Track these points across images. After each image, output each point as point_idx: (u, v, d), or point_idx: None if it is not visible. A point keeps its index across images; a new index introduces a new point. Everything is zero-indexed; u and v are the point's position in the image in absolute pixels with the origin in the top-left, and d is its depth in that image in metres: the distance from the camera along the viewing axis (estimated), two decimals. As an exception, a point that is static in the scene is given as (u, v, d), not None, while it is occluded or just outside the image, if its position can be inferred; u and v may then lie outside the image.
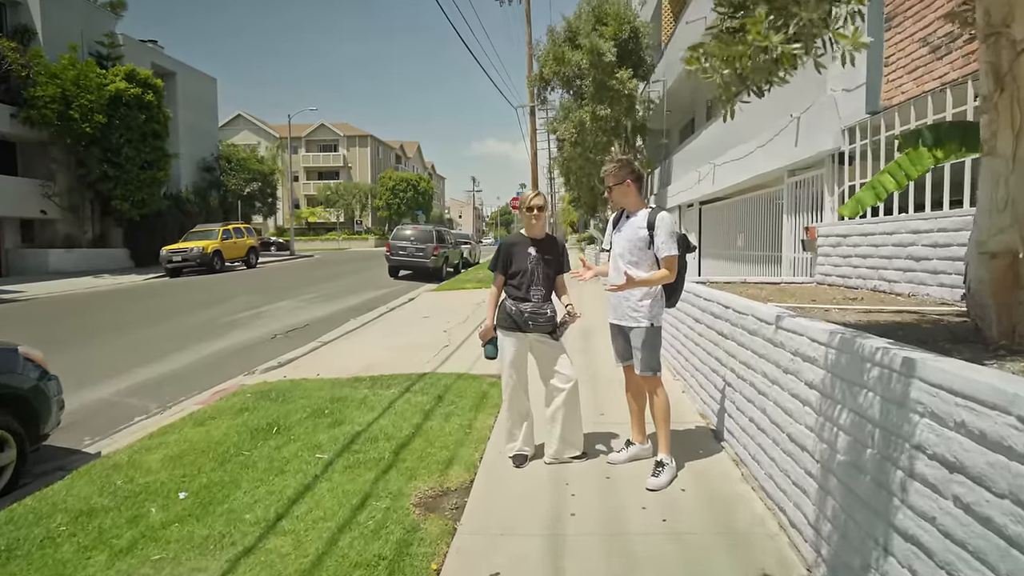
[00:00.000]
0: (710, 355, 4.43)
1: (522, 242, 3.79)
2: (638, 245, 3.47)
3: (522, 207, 3.79)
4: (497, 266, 3.81)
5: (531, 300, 3.69)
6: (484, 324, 3.83)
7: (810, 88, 6.96)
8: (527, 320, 3.65)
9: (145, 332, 10.03)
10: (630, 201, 3.59)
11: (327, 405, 5.21)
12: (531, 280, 3.71)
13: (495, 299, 3.82)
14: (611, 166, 3.58)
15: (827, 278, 6.28)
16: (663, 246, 3.41)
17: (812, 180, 7.23)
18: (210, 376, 7.05)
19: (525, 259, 3.73)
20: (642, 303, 3.51)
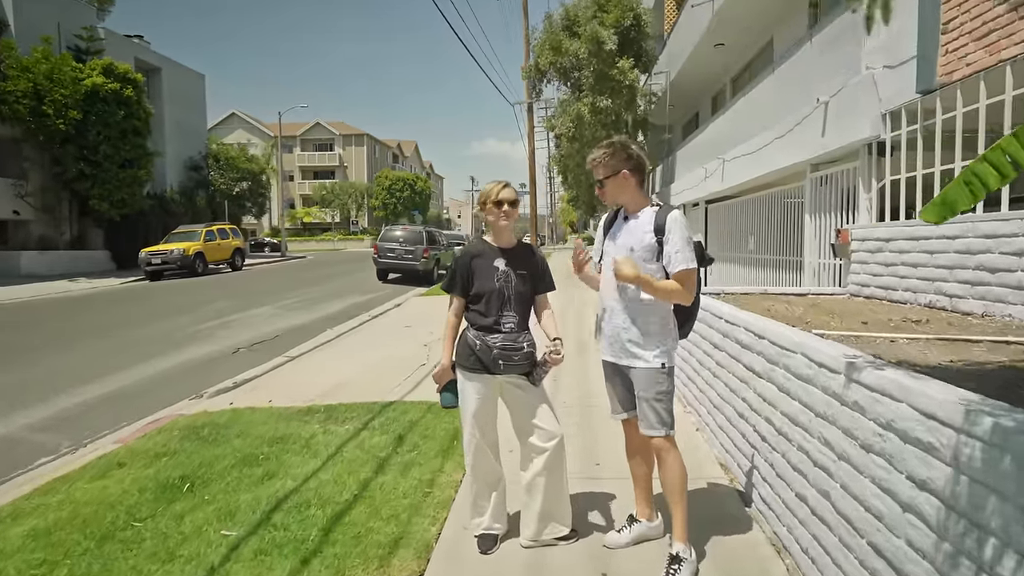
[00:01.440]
0: (735, 393, 3.49)
1: (487, 252, 2.84)
2: (642, 256, 2.56)
3: (485, 201, 2.84)
4: (454, 285, 2.85)
5: (501, 330, 2.75)
6: (440, 363, 2.89)
7: (841, 67, 6.03)
8: (496, 358, 2.71)
9: (97, 344, 9.10)
10: (628, 198, 2.67)
11: (264, 448, 4.28)
12: (501, 303, 2.77)
13: (454, 330, 2.87)
14: (600, 152, 2.63)
15: (863, 289, 5.35)
16: (677, 257, 2.49)
17: (842, 175, 6.29)
18: (151, 400, 6.13)
19: (491, 275, 2.78)
20: (648, 334, 2.59)
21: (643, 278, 2.48)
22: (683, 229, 2.52)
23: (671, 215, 2.53)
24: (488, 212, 2.83)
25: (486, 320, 2.77)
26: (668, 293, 2.52)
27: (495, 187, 2.81)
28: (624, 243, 2.63)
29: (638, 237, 2.58)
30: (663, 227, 2.52)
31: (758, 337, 3.08)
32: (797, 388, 2.54)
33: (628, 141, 2.67)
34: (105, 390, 6.63)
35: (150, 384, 6.88)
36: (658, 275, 2.55)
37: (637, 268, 2.48)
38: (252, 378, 6.85)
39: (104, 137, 20.60)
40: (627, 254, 2.59)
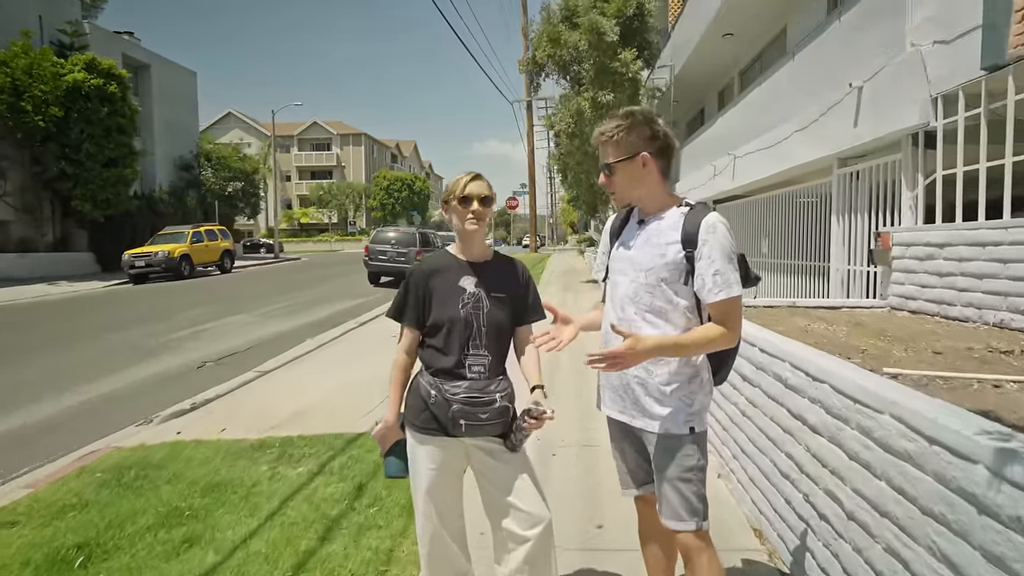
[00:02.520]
0: (775, 444, 2.72)
1: (450, 268, 2.09)
2: (662, 276, 1.81)
3: (449, 198, 2.07)
4: (404, 312, 2.10)
5: (466, 375, 1.99)
6: (383, 419, 2.12)
7: (877, 47, 5.26)
8: (456, 416, 1.93)
9: (54, 357, 8.34)
10: (646, 193, 1.88)
11: (195, 500, 3.52)
12: (467, 338, 2.01)
13: (403, 373, 2.10)
14: (613, 124, 1.86)
15: (908, 302, 4.59)
16: (716, 280, 1.74)
17: (877, 170, 5.53)
18: (95, 426, 5.41)
19: (455, 299, 2.03)
20: (671, 384, 1.83)
21: (665, 345, 1.73)
22: (725, 239, 1.76)
23: (707, 220, 1.77)
24: (452, 212, 2.07)
25: (446, 361, 2.00)
26: (707, 344, 1.77)
27: (461, 179, 2.06)
28: (638, 258, 1.87)
29: (658, 250, 1.82)
30: (695, 236, 1.76)
31: (814, 380, 2.31)
32: (886, 464, 1.78)
33: (652, 112, 1.90)
34: (44, 414, 5.88)
35: (99, 406, 6.13)
36: (684, 306, 1.82)
37: (647, 344, 1.69)
38: (213, 399, 6.12)
39: (87, 135, 19.85)
40: (642, 276, 1.85)
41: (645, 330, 1.82)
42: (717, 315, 1.76)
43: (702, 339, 1.75)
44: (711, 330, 1.76)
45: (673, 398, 1.83)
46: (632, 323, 1.85)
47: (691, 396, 1.84)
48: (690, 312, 1.83)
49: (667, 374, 1.83)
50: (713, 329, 1.76)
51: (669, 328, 1.82)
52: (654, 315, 1.83)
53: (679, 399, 1.83)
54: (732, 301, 1.74)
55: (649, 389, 1.85)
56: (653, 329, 1.82)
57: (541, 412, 1.93)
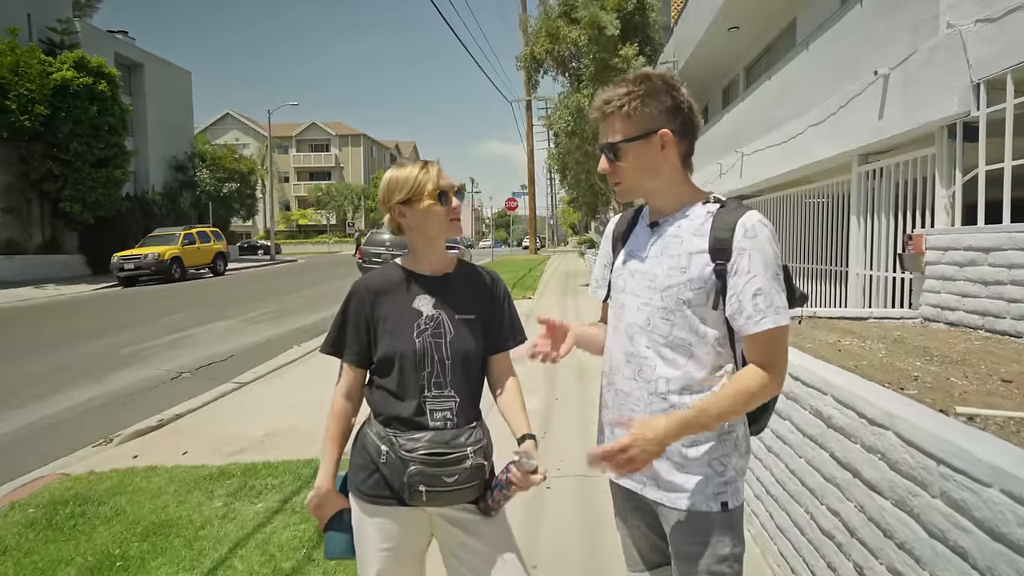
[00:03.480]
0: (815, 496, 2.23)
1: (399, 285, 1.61)
2: (685, 297, 1.34)
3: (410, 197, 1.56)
4: (342, 343, 1.61)
5: (428, 425, 1.52)
6: (316, 484, 1.63)
7: (906, 29, 4.78)
8: (414, 480, 1.46)
9: (24, 365, 7.87)
10: (662, 185, 1.41)
11: (132, 546, 3.04)
12: (426, 377, 1.54)
13: (341, 423, 1.61)
14: (622, 91, 1.37)
15: (945, 313, 4.10)
16: (759, 303, 1.27)
17: (904, 166, 5.04)
18: (51, 444, 5.01)
19: (409, 325, 1.56)
20: (696, 447, 1.36)
21: (688, 423, 1.25)
22: (769, 247, 1.28)
23: (744, 221, 1.29)
24: (416, 214, 1.57)
25: (401, 407, 1.53)
26: (747, 402, 1.27)
27: (417, 171, 1.57)
28: (653, 273, 1.38)
29: (678, 261, 1.34)
30: (728, 243, 1.29)
31: (870, 424, 1.83)
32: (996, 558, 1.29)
33: (673, 76, 1.42)
34: (6, 427, 5.45)
35: (62, 420, 5.68)
36: (714, 337, 1.33)
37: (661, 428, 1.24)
38: (184, 413, 5.67)
39: (75, 134, 19.40)
40: (658, 297, 1.36)
41: (660, 370, 1.36)
42: (757, 352, 1.28)
43: (739, 398, 1.26)
44: (748, 380, 1.26)
45: (699, 463, 1.35)
46: (644, 361, 1.38)
47: (723, 460, 1.36)
48: (720, 346, 1.35)
49: (712, 435, 1.36)
50: (751, 378, 1.26)
51: (694, 368, 1.34)
52: (673, 350, 1.35)
53: (707, 465, 1.35)
54: (778, 332, 1.27)
55: (668, 451, 1.34)
56: (671, 369, 1.35)
57: (531, 468, 1.46)
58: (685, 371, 1.34)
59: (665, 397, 1.35)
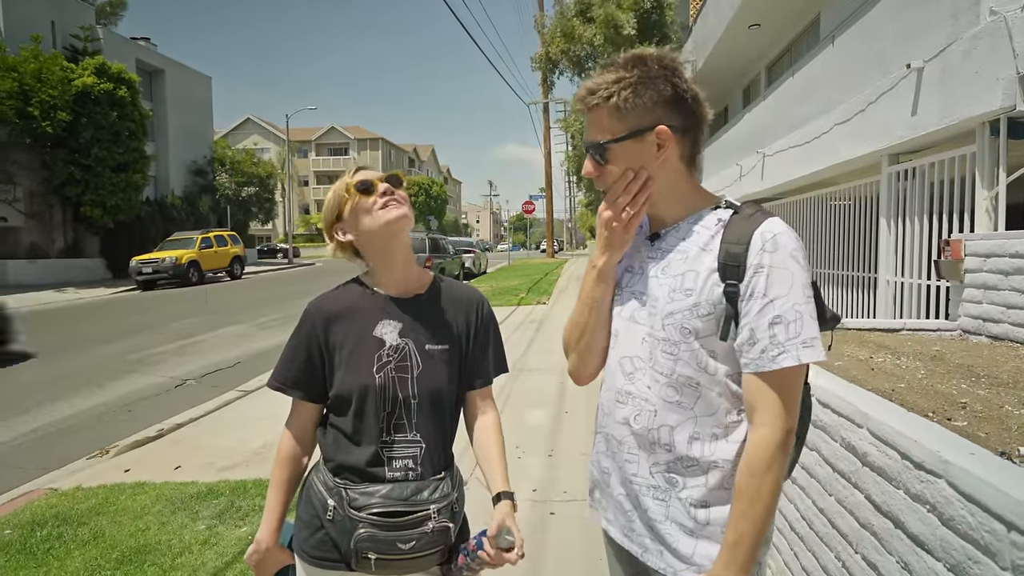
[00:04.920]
0: (849, 543, 1.94)
1: (359, 308, 1.37)
2: (691, 326, 1.08)
3: (341, 204, 1.35)
4: (287, 375, 1.37)
5: (385, 477, 1.27)
6: (257, 536, 1.38)
7: (943, 19, 4.45)
8: (363, 545, 1.21)
9: (33, 372, 7.83)
10: (660, 189, 1.15)
11: (105, 574, 2.85)
12: (387, 418, 1.29)
13: (288, 468, 1.38)
14: (609, 77, 1.10)
15: (987, 326, 3.77)
16: (777, 333, 1.00)
17: (940, 166, 4.70)
18: (49, 453, 4.90)
19: (368, 357, 1.31)
20: (712, 508, 1.09)
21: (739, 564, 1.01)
22: (794, 262, 1.03)
23: (763, 231, 1.05)
24: (352, 216, 1.34)
25: (356, 454, 1.29)
26: (776, 483, 1.01)
27: (346, 174, 1.38)
28: (653, 295, 1.14)
29: (682, 282, 1.10)
30: (741, 257, 1.04)
31: (916, 468, 1.55)
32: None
33: (674, 58, 1.13)
34: (9, 435, 5.40)
35: (62, 430, 5.59)
36: (724, 374, 1.08)
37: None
38: (183, 423, 5.55)
39: (96, 140, 19.63)
40: (659, 325, 1.11)
41: (663, 415, 1.10)
42: (767, 396, 1.01)
43: (770, 491, 1.00)
44: (762, 451, 1.00)
45: (715, 527, 1.09)
46: (644, 404, 1.13)
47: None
48: (735, 382, 1.09)
49: (704, 487, 1.09)
50: (766, 455, 1.00)
51: (703, 412, 1.09)
52: (679, 392, 1.10)
53: (724, 530, 1.08)
54: (798, 370, 1.02)
55: (673, 510, 1.11)
56: (677, 414, 1.10)
57: (508, 546, 1.22)
58: (693, 416, 1.09)
59: (670, 448, 1.11)
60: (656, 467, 1.13)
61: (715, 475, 1.09)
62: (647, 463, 1.14)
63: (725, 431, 1.09)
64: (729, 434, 1.09)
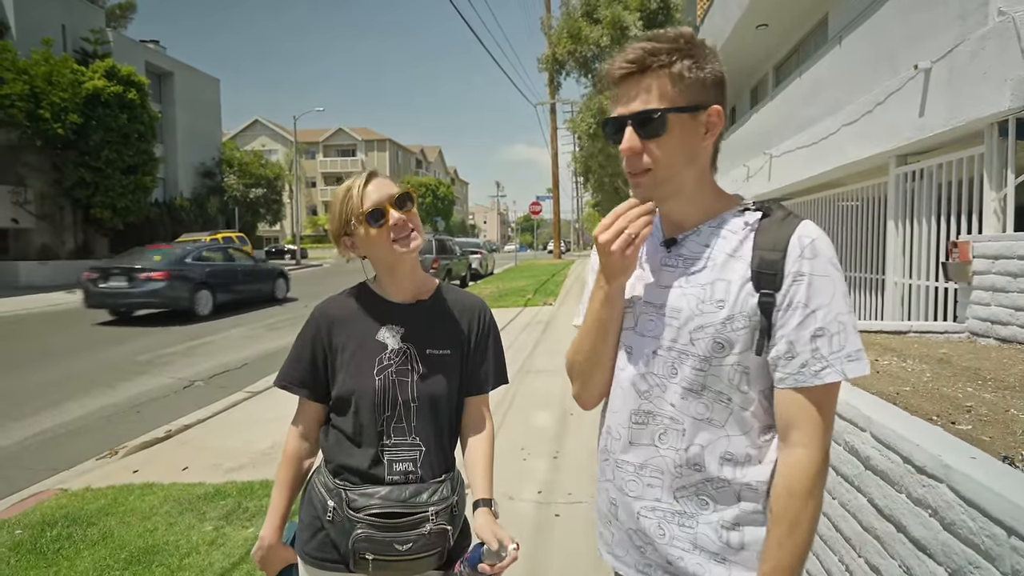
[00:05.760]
0: (852, 547, 1.93)
1: (363, 313, 1.39)
2: (724, 338, 0.99)
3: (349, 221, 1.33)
4: (294, 375, 1.39)
5: (384, 479, 1.29)
6: (261, 534, 1.40)
7: (950, 20, 4.42)
8: (361, 546, 1.23)
9: (45, 373, 7.89)
10: (692, 182, 1.04)
11: (114, 574, 2.88)
12: (387, 421, 1.31)
13: (292, 468, 1.41)
14: (664, 44, 0.97)
15: (995, 328, 3.75)
16: (820, 347, 0.94)
17: (948, 167, 4.68)
18: (60, 454, 4.94)
19: (369, 360, 1.33)
20: (747, 528, 1.01)
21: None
22: (835, 270, 0.96)
23: (800, 235, 0.97)
24: (361, 241, 1.35)
25: (356, 456, 1.31)
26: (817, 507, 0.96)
27: (352, 187, 1.34)
28: (675, 305, 1.04)
29: (711, 292, 1.01)
30: (779, 266, 0.96)
31: (919, 473, 1.54)
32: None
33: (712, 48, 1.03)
34: (20, 435, 5.45)
35: (70, 431, 5.61)
36: (759, 392, 1.00)
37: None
38: (192, 424, 5.59)
39: (106, 142, 19.79)
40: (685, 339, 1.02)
41: (692, 434, 1.02)
42: (806, 413, 0.94)
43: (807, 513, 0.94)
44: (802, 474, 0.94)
45: (749, 552, 1.01)
46: (669, 424, 1.04)
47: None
48: (766, 398, 1.01)
49: (736, 509, 1.01)
50: (803, 468, 0.94)
51: (735, 430, 1.01)
52: (709, 409, 1.01)
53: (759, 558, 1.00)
54: (836, 389, 0.97)
55: (702, 537, 1.02)
56: (708, 433, 1.01)
57: (498, 559, 1.21)
58: (726, 435, 1.01)
59: (700, 468, 1.01)
60: (682, 491, 1.03)
61: (748, 497, 1.01)
62: (671, 488, 1.04)
63: (759, 451, 1.01)
64: (764, 454, 1.01)
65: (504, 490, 3.57)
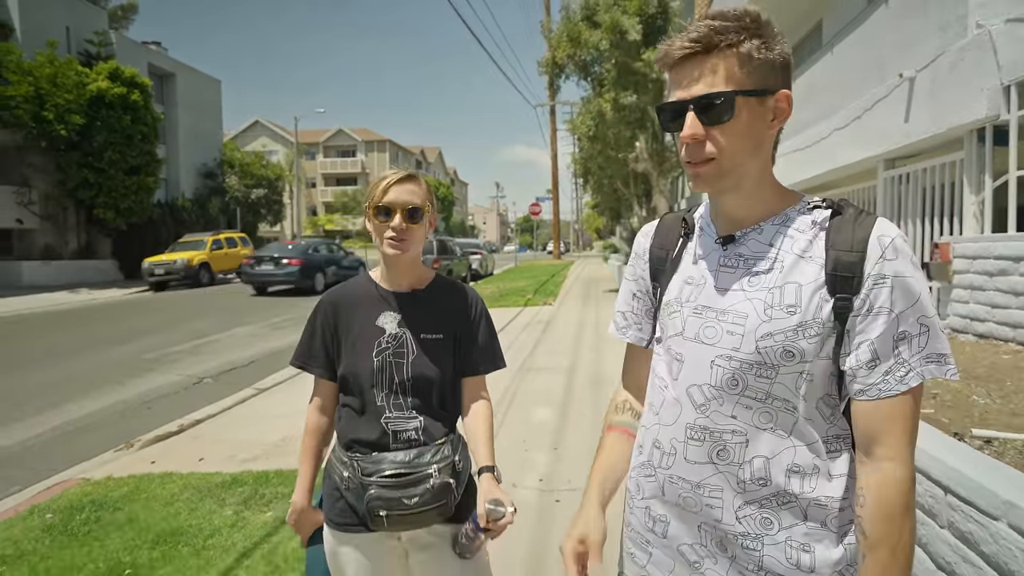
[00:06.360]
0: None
1: (365, 300, 1.57)
2: (796, 348, 0.91)
3: (367, 204, 1.52)
4: (311, 354, 1.59)
5: (390, 447, 1.47)
6: (293, 499, 1.60)
7: (933, 30, 4.63)
8: (375, 505, 1.41)
9: (55, 371, 8.08)
10: (754, 174, 0.96)
11: (144, 553, 3.08)
12: (387, 396, 1.49)
13: (314, 439, 1.61)
14: (726, 24, 0.90)
15: (974, 324, 3.95)
16: (902, 352, 0.87)
17: (931, 171, 4.88)
18: (73, 449, 5.08)
19: (369, 343, 1.51)
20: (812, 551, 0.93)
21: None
22: (917, 271, 0.90)
23: (879, 234, 0.90)
24: (371, 223, 1.52)
25: (363, 429, 1.49)
26: (914, 532, 0.89)
27: (382, 179, 1.51)
28: (738, 310, 0.96)
29: (780, 296, 0.93)
30: (858, 268, 0.89)
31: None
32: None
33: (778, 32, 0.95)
34: (37, 430, 5.64)
35: (83, 426, 5.79)
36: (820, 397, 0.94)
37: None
38: (202, 419, 5.75)
39: (109, 143, 19.99)
40: (751, 346, 0.94)
41: (755, 445, 0.95)
42: (893, 425, 0.88)
43: (907, 534, 0.87)
44: (896, 490, 0.87)
45: (820, 575, 0.93)
46: (729, 438, 0.96)
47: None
48: (827, 405, 0.96)
49: (804, 527, 0.94)
50: (897, 484, 0.87)
51: (800, 440, 0.94)
52: (773, 418, 0.95)
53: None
54: (920, 394, 0.90)
55: (768, 559, 0.95)
56: (773, 444, 0.94)
57: (497, 517, 1.39)
58: (791, 445, 0.94)
59: (765, 482, 0.94)
60: (744, 508, 0.96)
61: (817, 514, 0.93)
62: (732, 506, 0.96)
63: (825, 464, 0.94)
64: (831, 468, 0.95)
65: (507, 479, 3.76)
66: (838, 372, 0.93)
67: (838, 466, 0.94)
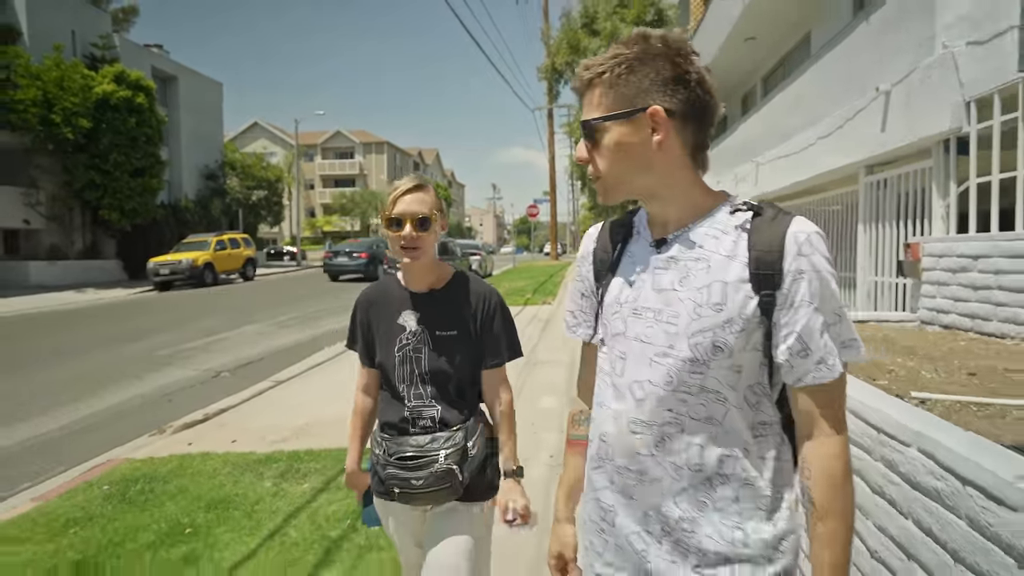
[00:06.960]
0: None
1: (389, 299, 1.77)
2: (723, 342, 0.97)
3: (382, 214, 1.73)
4: (354, 341, 1.85)
5: (410, 431, 1.68)
6: (346, 464, 1.92)
7: (907, 48, 5.06)
8: (390, 481, 1.65)
9: (72, 367, 8.41)
10: (661, 184, 1.05)
11: (198, 516, 3.47)
12: (410, 385, 1.70)
13: (361, 417, 1.88)
14: (607, 55, 1.04)
15: (940, 316, 4.37)
16: (827, 341, 0.96)
17: (906, 177, 5.31)
18: (108, 436, 5.41)
19: (392, 338, 1.72)
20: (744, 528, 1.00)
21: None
22: (829, 264, 0.97)
23: (794, 232, 0.97)
24: (386, 232, 1.70)
25: (392, 412, 1.72)
26: (853, 498, 0.98)
27: (395, 189, 1.69)
28: (673, 311, 1.02)
29: (708, 295, 0.99)
30: (778, 264, 0.96)
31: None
32: (913, 503, 1.61)
33: (683, 40, 1.02)
34: (64, 420, 5.95)
35: (114, 415, 6.16)
36: (746, 388, 1.01)
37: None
38: (224, 409, 6.11)
39: (115, 145, 20.34)
40: (684, 345, 0.99)
41: (692, 436, 1.01)
42: (826, 406, 0.97)
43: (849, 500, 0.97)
44: (837, 460, 0.96)
45: (753, 549, 1.00)
46: (665, 429, 1.02)
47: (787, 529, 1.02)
48: (754, 393, 1.02)
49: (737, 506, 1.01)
50: (837, 455, 0.96)
51: (732, 431, 1.00)
52: (706, 408, 1.01)
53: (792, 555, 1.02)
54: (844, 376, 0.98)
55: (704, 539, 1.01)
56: (705, 432, 1.01)
57: (514, 517, 1.64)
58: (723, 430, 1.00)
59: (700, 468, 1.01)
60: (682, 495, 1.02)
61: (747, 495, 1.00)
62: (671, 492, 1.02)
63: (756, 447, 1.01)
64: (759, 451, 1.01)
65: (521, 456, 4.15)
66: (768, 362, 1.00)
67: (765, 449, 1.02)
